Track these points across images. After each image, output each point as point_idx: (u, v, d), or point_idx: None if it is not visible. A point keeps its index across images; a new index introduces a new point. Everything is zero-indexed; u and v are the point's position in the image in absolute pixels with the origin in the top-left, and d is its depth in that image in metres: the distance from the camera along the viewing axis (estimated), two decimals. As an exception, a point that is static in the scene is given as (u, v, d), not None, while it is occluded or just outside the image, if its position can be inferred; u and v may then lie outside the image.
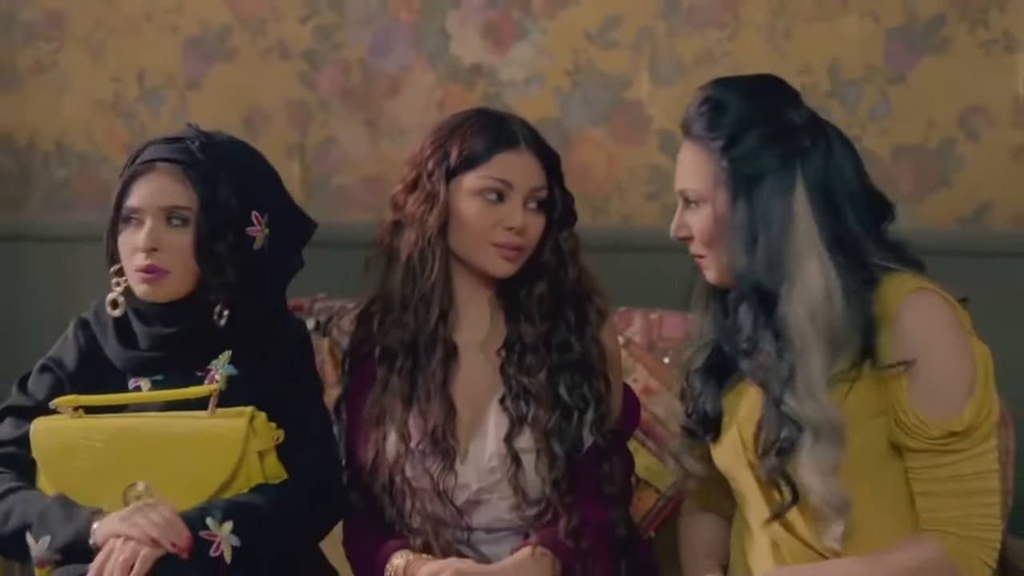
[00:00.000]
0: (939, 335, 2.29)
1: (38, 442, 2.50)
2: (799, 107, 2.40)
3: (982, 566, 2.26)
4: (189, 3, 3.92)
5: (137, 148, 2.65)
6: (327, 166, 3.87)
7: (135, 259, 2.49)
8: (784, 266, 2.29)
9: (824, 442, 2.26)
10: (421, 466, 2.50)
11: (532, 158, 2.54)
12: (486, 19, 3.81)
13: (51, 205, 4.09)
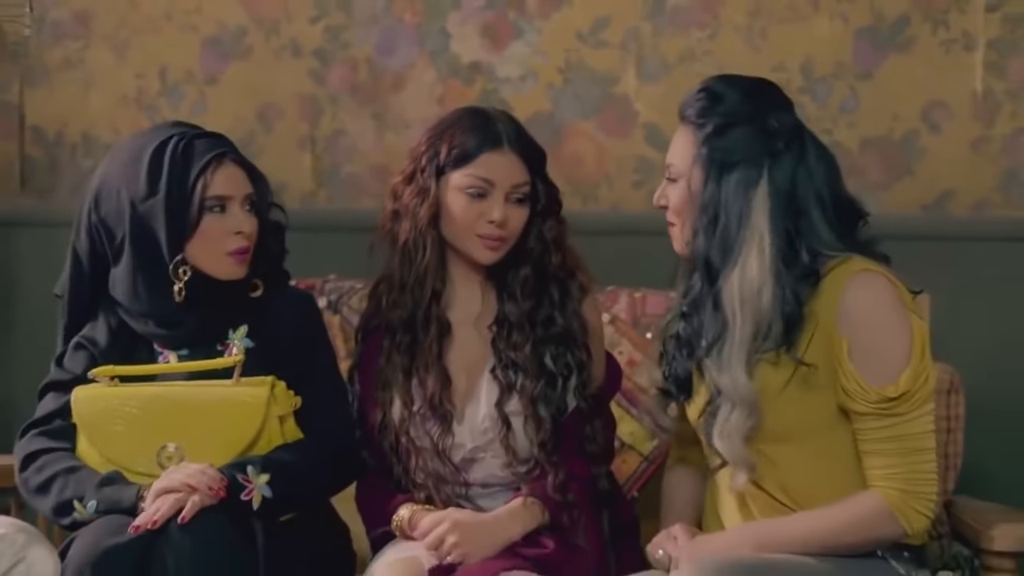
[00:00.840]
0: (879, 311, 2.45)
1: (79, 408, 2.69)
2: (784, 114, 2.57)
3: (920, 516, 2.42)
4: (207, 4, 3.96)
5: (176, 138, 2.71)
6: (337, 156, 3.91)
7: (228, 242, 2.65)
8: (732, 250, 2.46)
9: (738, 412, 2.44)
10: (422, 428, 2.67)
11: (514, 157, 2.69)
12: (484, 20, 3.86)
13: (78, 193, 3.88)
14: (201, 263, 2.66)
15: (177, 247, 2.65)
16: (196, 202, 2.65)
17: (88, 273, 2.76)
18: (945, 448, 2.90)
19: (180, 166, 2.66)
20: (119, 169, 2.71)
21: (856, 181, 3.59)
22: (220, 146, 2.72)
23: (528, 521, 2.62)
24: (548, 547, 2.57)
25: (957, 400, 2.95)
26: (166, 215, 2.65)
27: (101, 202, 2.71)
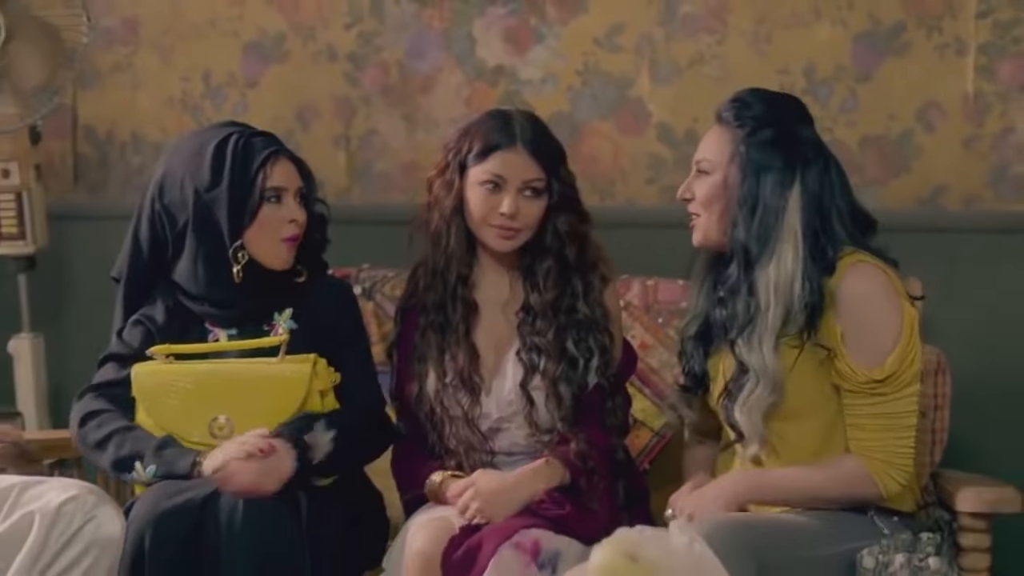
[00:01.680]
0: (870, 299, 2.64)
1: (138, 383, 2.87)
2: (810, 128, 2.75)
3: (894, 483, 2.62)
4: (249, 12, 4.03)
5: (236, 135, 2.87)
6: (369, 154, 3.99)
7: (284, 230, 2.83)
8: (770, 242, 2.65)
9: (762, 385, 2.63)
10: (454, 398, 2.85)
11: (526, 155, 2.85)
12: (507, 26, 3.92)
13: (127, 188, 4.12)
14: (256, 249, 2.84)
15: (237, 233, 2.82)
16: (256, 192, 2.82)
17: (147, 257, 2.92)
18: (932, 424, 3.03)
19: (242, 160, 2.83)
20: (182, 162, 2.87)
21: (855, 177, 3.54)
22: (275, 143, 2.89)
23: (550, 478, 2.77)
24: (566, 508, 2.72)
25: (944, 380, 3.08)
26: (229, 204, 2.82)
27: (165, 192, 2.87)
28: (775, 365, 2.65)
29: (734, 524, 2.52)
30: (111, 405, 2.87)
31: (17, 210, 3.78)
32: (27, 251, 3.84)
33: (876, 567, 2.56)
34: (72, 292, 4.14)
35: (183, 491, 2.70)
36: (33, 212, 3.80)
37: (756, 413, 2.66)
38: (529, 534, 2.60)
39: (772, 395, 2.65)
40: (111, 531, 2.59)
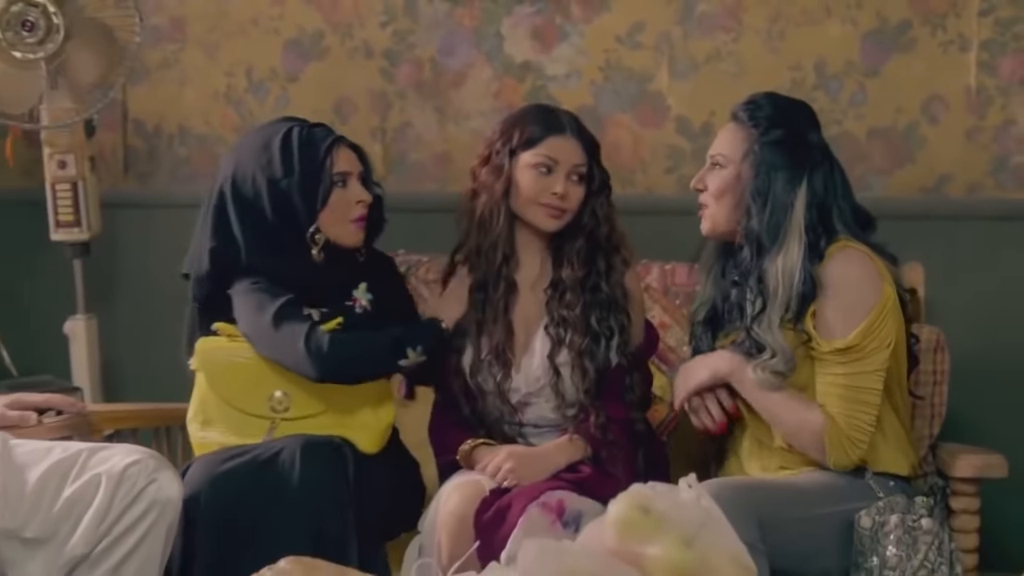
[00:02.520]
0: (849, 277, 2.81)
1: (202, 357, 3.06)
2: (818, 133, 2.93)
3: (844, 456, 2.80)
4: (289, 11, 4.12)
5: (297, 128, 3.02)
6: (403, 145, 4.08)
7: (352, 211, 2.99)
8: (779, 235, 2.83)
9: (778, 358, 2.81)
10: (488, 372, 3.03)
11: (575, 142, 3.03)
12: (534, 24, 4.00)
13: (174, 178, 4.26)
14: (330, 231, 3.01)
15: (312, 218, 2.99)
16: (326, 178, 2.99)
17: (222, 252, 3.05)
18: (931, 399, 3.18)
19: (309, 149, 3.00)
20: (251, 158, 3.03)
21: (863, 166, 3.80)
22: (332, 132, 3.06)
23: (572, 454, 2.96)
24: (585, 472, 2.91)
25: (943, 358, 3.21)
26: (302, 191, 2.98)
27: (237, 187, 3.02)
28: (786, 345, 2.82)
29: (738, 485, 2.72)
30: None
31: (73, 199, 3.91)
32: (82, 238, 3.97)
33: (872, 526, 2.73)
34: (122, 276, 4.26)
35: (236, 456, 2.89)
36: (88, 201, 3.94)
37: (768, 373, 2.84)
38: (554, 495, 2.77)
39: (784, 366, 2.82)
40: (170, 493, 2.78)
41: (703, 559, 2.07)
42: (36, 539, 2.75)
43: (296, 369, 2.97)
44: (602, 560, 1.98)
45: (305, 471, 2.83)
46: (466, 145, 3.99)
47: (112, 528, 2.75)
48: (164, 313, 4.01)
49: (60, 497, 2.76)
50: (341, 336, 2.96)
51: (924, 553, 2.71)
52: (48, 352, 4.07)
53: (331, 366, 2.94)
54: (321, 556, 2.37)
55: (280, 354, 2.98)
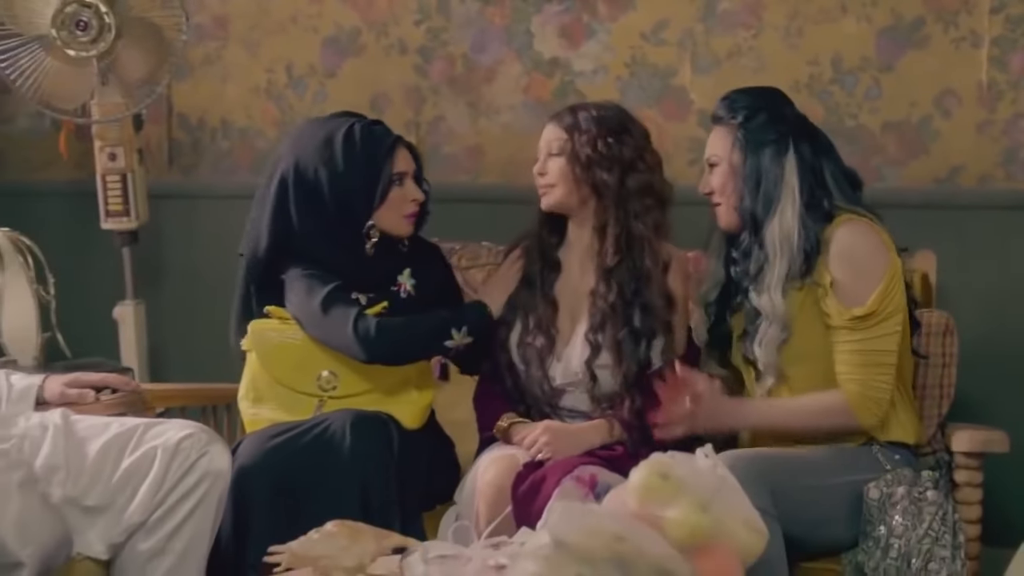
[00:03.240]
0: (859, 248, 2.96)
1: (254, 338, 3.20)
2: (791, 107, 3.08)
3: (871, 416, 2.95)
4: (327, 9, 4.24)
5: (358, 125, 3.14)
6: (437, 138, 4.19)
7: (406, 208, 3.14)
8: (772, 205, 2.99)
9: (774, 326, 2.97)
10: (533, 350, 3.18)
11: (553, 125, 3.22)
12: (562, 22, 4.10)
13: (216, 170, 4.39)
14: (384, 225, 3.16)
15: (369, 213, 3.14)
16: (386, 178, 3.13)
17: (278, 237, 3.18)
18: (940, 380, 3.30)
19: (371, 148, 3.14)
20: (313, 150, 3.15)
21: (878, 158, 3.91)
22: (389, 131, 3.20)
23: (605, 434, 3.10)
24: (617, 451, 3.06)
25: (952, 341, 3.33)
26: (363, 189, 3.12)
27: (297, 179, 3.14)
28: (783, 307, 2.98)
29: (752, 456, 2.87)
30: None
31: (122, 190, 4.06)
32: (130, 227, 4.12)
33: (880, 497, 2.89)
34: (168, 264, 4.42)
35: (287, 431, 3.06)
36: (136, 192, 4.09)
37: (771, 349, 2.99)
38: (587, 469, 2.92)
39: (783, 332, 2.98)
40: (221, 465, 2.96)
41: (718, 522, 2.24)
42: (96, 507, 2.93)
43: (345, 352, 3.12)
44: (624, 521, 2.15)
45: (355, 442, 2.98)
46: (497, 138, 4.13)
47: (167, 497, 2.92)
48: (207, 298, 4.30)
49: (118, 468, 2.93)
50: (387, 320, 3.10)
51: (929, 523, 2.86)
52: (98, 336, 4.19)
53: (378, 349, 3.09)
54: (366, 523, 2.53)
55: (329, 337, 3.13)
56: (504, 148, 4.14)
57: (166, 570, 2.93)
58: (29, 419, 3.03)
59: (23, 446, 2.91)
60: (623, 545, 2.05)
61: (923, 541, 2.85)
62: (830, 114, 3.94)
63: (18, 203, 4.27)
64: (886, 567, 2.85)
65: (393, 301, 3.19)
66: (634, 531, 2.11)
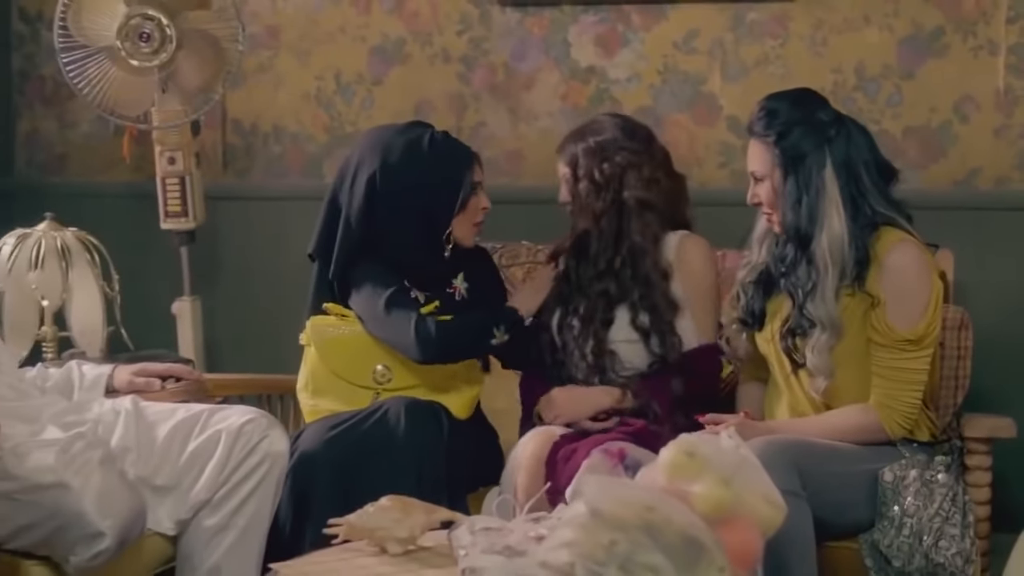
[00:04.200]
0: (910, 272, 3.08)
1: (313, 333, 3.39)
2: (827, 108, 3.16)
3: (899, 428, 3.10)
4: (374, 20, 4.37)
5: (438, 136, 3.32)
6: (478, 143, 4.12)
7: (477, 216, 3.31)
8: (817, 219, 3.09)
9: (827, 333, 3.09)
10: (569, 335, 3.39)
11: (558, 158, 3.47)
12: (598, 32, 4.22)
13: (269, 173, 4.52)
14: (456, 231, 3.34)
15: (449, 219, 3.32)
16: (468, 187, 3.31)
17: (355, 238, 3.36)
18: (956, 372, 3.44)
19: (455, 158, 3.33)
20: (398, 158, 3.32)
21: (899, 162, 3.73)
22: (461, 143, 3.39)
23: (614, 398, 3.32)
24: (638, 424, 3.26)
25: (967, 335, 3.47)
26: (446, 196, 3.30)
27: (378, 184, 3.31)
28: (837, 314, 3.09)
29: (782, 441, 3.03)
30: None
31: (181, 192, 4.22)
32: (188, 227, 4.27)
33: (894, 480, 3.06)
34: (222, 262, 4.56)
35: (346, 420, 3.25)
36: (193, 194, 4.23)
37: (825, 355, 3.12)
38: (616, 444, 3.09)
39: (833, 337, 3.10)
40: (280, 447, 3.18)
41: (739, 496, 2.43)
42: (164, 487, 3.14)
43: (402, 351, 3.32)
44: (654, 493, 2.35)
45: (409, 429, 3.18)
46: (536, 143, 4.27)
47: (230, 477, 3.13)
48: (259, 294, 4.50)
49: (185, 450, 3.15)
50: (446, 324, 3.29)
51: (939, 503, 3.03)
52: (158, 330, 4.33)
53: (435, 351, 3.29)
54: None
55: (390, 336, 3.33)
56: (542, 152, 4.23)
57: (229, 545, 3.13)
58: (102, 405, 3.25)
59: (97, 429, 3.12)
60: (653, 514, 2.25)
61: (934, 520, 3.02)
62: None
63: (81, 203, 4.39)
64: (899, 544, 3.02)
65: (446, 302, 3.37)
66: (663, 502, 2.30)
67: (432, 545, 2.70)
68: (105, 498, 2.85)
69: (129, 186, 4.60)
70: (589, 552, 2.21)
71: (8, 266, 3.87)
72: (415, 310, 3.30)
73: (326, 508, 3.03)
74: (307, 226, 3.57)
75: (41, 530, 2.85)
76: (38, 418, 3.10)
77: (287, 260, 4.33)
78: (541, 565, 2.27)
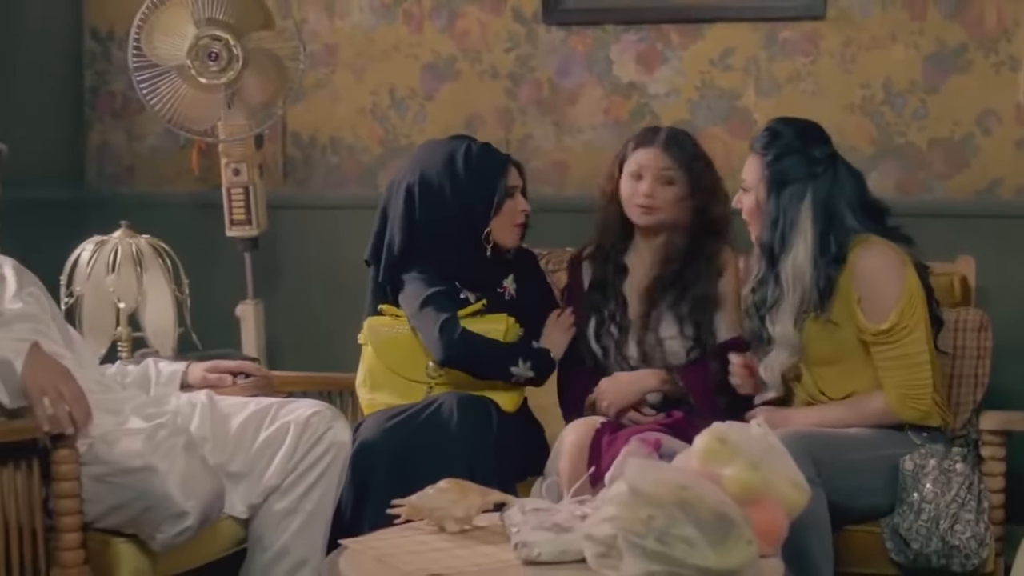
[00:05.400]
0: (877, 269, 3.27)
1: (370, 332, 3.60)
2: (824, 147, 3.34)
3: (913, 412, 3.29)
4: (426, 38, 4.53)
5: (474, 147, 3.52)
6: (525, 154, 4.33)
7: (516, 218, 3.52)
8: (787, 243, 3.29)
9: (783, 352, 3.30)
10: (610, 339, 3.59)
11: (660, 151, 3.55)
12: (638, 50, 4.35)
13: (326, 183, 4.66)
14: (496, 233, 3.55)
15: (487, 221, 3.54)
16: (502, 191, 3.52)
17: (407, 243, 3.58)
18: (976, 370, 3.64)
19: (488, 165, 3.55)
20: (438, 168, 3.56)
21: (925, 172, 4.15)
22: (502, 153, 3.60)
23: (660, 379, 3.51)
24: (677, 416, 3.46)
25: (986, 336, 3.65)
26: (483, 199, 3.53)
27: (424, 194, 3.55)
28: (795, 336, 3.30)
29: (800, 432, 3.26)
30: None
31: (245, 201, 4.41)
32: (252, 234, 4.46)
33: (914, 468, 3.28)
34: (283, 267, 4.73)
35: (402, 412, 3.47)
36: (257, 203, 4.42)
37: (775, 371, 3.35)
38: (653, 435, 3.32)
39: (791, 357, 3.31)
40: (344, 438, 3.42)
41: (766, 479, 2.67)
42: (238, 473, 3.40)
43: (428, 347, 3.54)
44: (688, 475, 2.59)
45: (461, 421, 3.40)
46: (579, 154, 4.43)
47: (298, 465, 3.38)
48: (317, 297, 4.66)
49: (257, 440, 3.40)
50: (473, 335, 3.50)
51: (956, 490, 3.25)
52: (222, 331, 4.47)
53: (453, 354, 3.51)
54: (469, 485, 2.96)
55: (420, 333, 3.56)
56: (586, 163, 4.40)
57: (297, 527, 3.38)
58: (179, 398, 3.51)
59: (176, 420, 3.38)
60: (687, 492, 2.49)
61: (951, 506, 3.23)
62: (881, 132, 4.21)
63: (148, 212, 4.52)
64: (918, 528, 3.24)
65: (496, 300, 3.58)
66: (696, 482, 2.55)
67: (486, 525, 2.92)
68: (188, 481, 3.10)
69: (194, 195, 4.76)
70: (629, 526, 2.46)
71: (87, 271, 4.10)
72: (450, 312, 3.50)
73: (383, 493, 3.23)
74: (362, 233, 3.74)
75: (130, 510, 3.11)
76: (121, 410, 3.35)
77: (343, 265, 4.47)
78: (587, 538, 2.51)
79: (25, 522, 3.08)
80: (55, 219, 4.60)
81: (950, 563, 3.25)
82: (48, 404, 3.00)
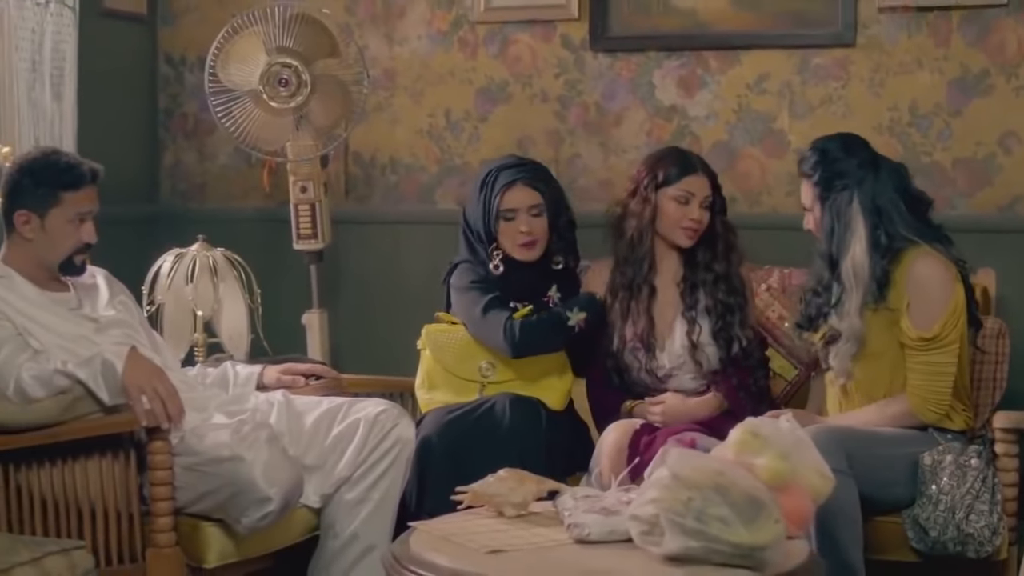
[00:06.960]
0: (931, 281, 3.51)
1: (428, 337, 3.86)
2: (863, 153, 3.57)
3: (932, 415, 3.53)
4: (480, 64, 4.71)
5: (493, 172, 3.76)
6: (573, 173, 4.60)
7: (518, 239, 3.72)
8: (844, 246, 3.53)
9: (850, 343, 3.53)
10: (633, 355, 3.81)
11: (704, 178, 3.78)
12: (679, 75, 4.54)
13: (386, 200, 4.84)
14: (507, 249, 3.81)
15: (491, 240, 3.79)
16: (494, 214, 3.76)
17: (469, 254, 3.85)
18: (994, 374, 3.85)
19: (489, 190, 3.80)
20: (474, 190, 3.86)
21: (949, 190, 4.31)
22: (516, 175, 3.79)
23: (713, 407, 3.76)
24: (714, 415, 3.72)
25: (1004, 343, 3.87)
26: (483, 221, 3.79)
27: (466, 213, 3.89)
28: (860, 328, 3.54)
29: (832, 428, 3.51)
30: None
31: (311, 217, 4.63)
32: (318, 247, 4.68)
33: (932, 463, 3.53)
34: (346, 279, 4.92)
35: (458, 409, 3.72)
36: (322, 218, 4.64)
37: (845, 360, 3.59)
38: (688, 435, 3.57)
39: (855, 346, 3.55)
40: (409, 434, 3.70)
41: (795, 468, 2.95)
42: (312, 465, 3.68)
43: (497, 349, 3.79)
44: (725, 463, 2.88)
45: (513, 419, 3.65)
46: (624, 173, 4.52)
47: (368, 457, 3.65)
48: (377, 307, 4.85)
49: (330, 435, 3.68)
50: (526, 322, 3.74)
51: (971, 483, 3.49)
52: (289, 338, 4.66)
53: (521, 346, 3.76)
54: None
55: (486, 337, 3.81)
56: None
57: (366, 515, 3.66)
58: (257, 398, 3.80)
59: (256, 416, 3.67)
60: (722, 478, 2.77)
61: (965, 497, 3.48)
62: (908, 152, 4.35)
63: (219, 227, 4.69)
64: (935, 517, 3.49)
65: (540, 307, 3.82)
66: (731, 469, 2.83)
67: (540, 511, 3.19)
68: (271, 469, 3.39)
69: (261, 211, 4.97)
70: (671, 506, 2.75)
71: (168, 281, 4.38)
72: (506, 314, 3.74)
73: (443, 484, 3.46)
74: (420, 247, 4.03)
75: (218, 496, 3.41)
76: (206, 407, 3.66)
77: (401, 276, 4.73)
78: (632, 518, 2.80)
79: (123, 508, 3.38)
80: (132, 233, 4.82)
81: (965, 550, 3.47)
82: (146, 401, 3.28)
